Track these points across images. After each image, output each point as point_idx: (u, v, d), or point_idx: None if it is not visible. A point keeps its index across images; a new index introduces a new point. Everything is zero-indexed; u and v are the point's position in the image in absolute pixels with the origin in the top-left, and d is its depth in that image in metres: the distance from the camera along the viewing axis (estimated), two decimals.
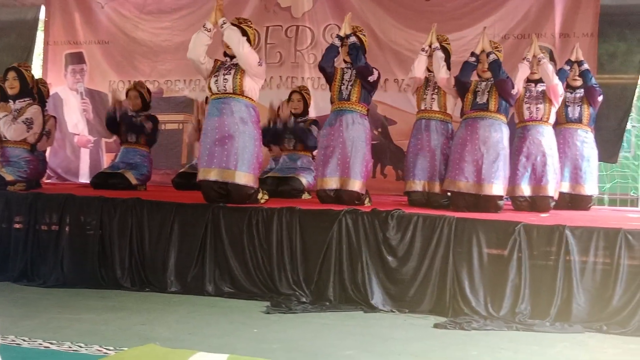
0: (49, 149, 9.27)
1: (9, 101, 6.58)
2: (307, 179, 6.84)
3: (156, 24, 9.04)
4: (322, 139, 5.99)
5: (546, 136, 6.01)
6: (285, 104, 7.11)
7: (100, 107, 8.99)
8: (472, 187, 5.61)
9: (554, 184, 5.94)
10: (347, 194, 5.74)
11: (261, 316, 4.58)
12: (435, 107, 6.00)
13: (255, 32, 5.90)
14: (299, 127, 7.00)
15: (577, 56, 6.59)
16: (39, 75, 8.58)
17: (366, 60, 5.86)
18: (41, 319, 4.33)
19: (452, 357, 3.79)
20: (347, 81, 5.87)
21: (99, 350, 3.61)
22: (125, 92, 7.63)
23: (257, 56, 5.48)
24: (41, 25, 9.73)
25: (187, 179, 7.21)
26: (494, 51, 5.75)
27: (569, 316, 4.46)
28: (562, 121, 6.50)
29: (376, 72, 5.87)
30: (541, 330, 4.32)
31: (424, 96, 6.07)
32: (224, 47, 5.50)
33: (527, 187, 5.96)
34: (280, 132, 7.00)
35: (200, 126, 7.40)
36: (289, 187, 6.69)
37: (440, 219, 4.85)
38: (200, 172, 5.42)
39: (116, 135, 7.63)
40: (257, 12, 8.44)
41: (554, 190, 5.95)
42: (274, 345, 3.87)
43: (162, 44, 8.97)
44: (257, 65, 5.42)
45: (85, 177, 8.98)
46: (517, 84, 5.80)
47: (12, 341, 3.69)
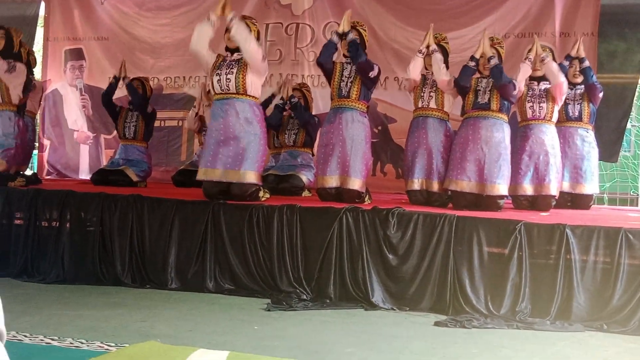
0: (49, 145, 9.29)
1: None
2: (307, 177, 6.83)
3: (156, 20, 9.03)
4: (321, 137, 5.99)
5: (549, 135, 6.00)
6: (289, 79, 7.09)
7: (99, 104, 8.97)
8: (474, 187, 5.60)
9: (556, 183, 5.93)
10: (347, 192, 5.74)
11: (262, 313, 4.58)
12: (432, 105, 5.97)
13: (258, 30, 5.88)
14: (301, 105, 6.92)
15: (579, 52, 6.49)
16: (38, 72, 8.57)
17: (366, 55, 5.85)
18: (42, 315, 4.33)
19: (452, 355, 3.78)
20: (347, 77, 5.85)
21: (100, 346, 3.61)
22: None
23: (262, 52, 5.48)
24: (41, 21, 9.74)
25: (187, 176, 7.21)
26: (494, 53, 5.70)
27: (569, 315, 4.46)
28: (562, 119, 6.43)
29: (376, 68, 5.84)
30: (541, 328, 4.32)
31: (422, 94, 6.03)
32: (226, 42, 5.48)
33: (529, 186, 5.95)
34: (280, 109, 6.95)
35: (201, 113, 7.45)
36: (289, 185, 6.68)
37: (440, 217, 4.84)
38: (202, 172, 5.41)
39: (108, 111, 7.52)
40: (258, 9, 8.42)
41: (556, 189, 5.94)
42: (274, 342, 3.87)
43: (162, 41, 8.96)
44: (262, 61, 5.42)
45: (84, 174, 8.98)
46: (518, 83, 5.77)
47: (14, 337, 3.68)
